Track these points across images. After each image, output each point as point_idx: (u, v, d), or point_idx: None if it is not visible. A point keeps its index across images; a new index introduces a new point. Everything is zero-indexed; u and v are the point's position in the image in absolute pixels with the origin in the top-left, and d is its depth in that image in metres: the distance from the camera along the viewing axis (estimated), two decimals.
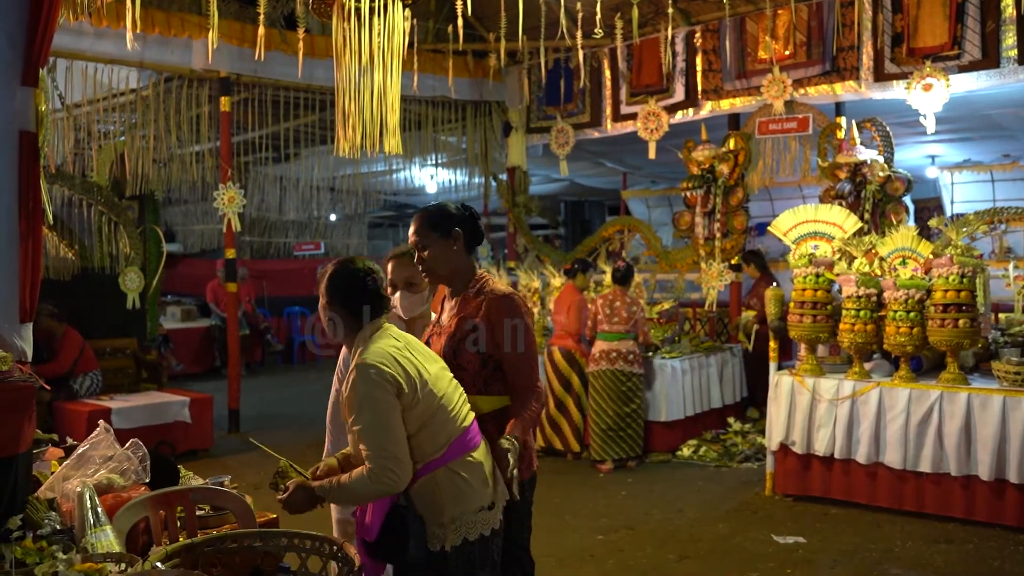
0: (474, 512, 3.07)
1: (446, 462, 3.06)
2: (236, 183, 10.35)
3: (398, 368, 3.00)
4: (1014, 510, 6.46)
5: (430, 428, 3.05)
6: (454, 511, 3.04)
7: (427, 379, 3.08)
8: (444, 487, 3.05)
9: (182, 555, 2.60)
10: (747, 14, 10.02)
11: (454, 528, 3.04)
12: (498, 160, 12.94)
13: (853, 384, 7.12)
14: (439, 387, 3.11)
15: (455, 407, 3.15)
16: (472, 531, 3.05)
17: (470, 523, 3.05)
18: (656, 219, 17.18)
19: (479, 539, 3.07)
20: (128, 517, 2.99)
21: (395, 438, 2.96)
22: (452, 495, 3.05)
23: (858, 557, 6.07)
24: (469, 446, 3.13)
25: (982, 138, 13.21)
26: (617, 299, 8.74)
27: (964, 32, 8.59)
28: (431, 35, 11.50)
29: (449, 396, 3.14)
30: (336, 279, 3.20)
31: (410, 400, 3.00)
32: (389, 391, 2.97)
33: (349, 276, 3.20)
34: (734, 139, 10.17)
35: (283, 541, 2.76)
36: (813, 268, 7.34)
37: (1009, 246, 12.23)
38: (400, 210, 22.95)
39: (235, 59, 9.99)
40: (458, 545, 3.05)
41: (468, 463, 3.10)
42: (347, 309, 3.17)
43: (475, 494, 3.09)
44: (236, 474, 8.07)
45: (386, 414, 2.96)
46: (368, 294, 3.17)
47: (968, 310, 6.58)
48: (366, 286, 3.17)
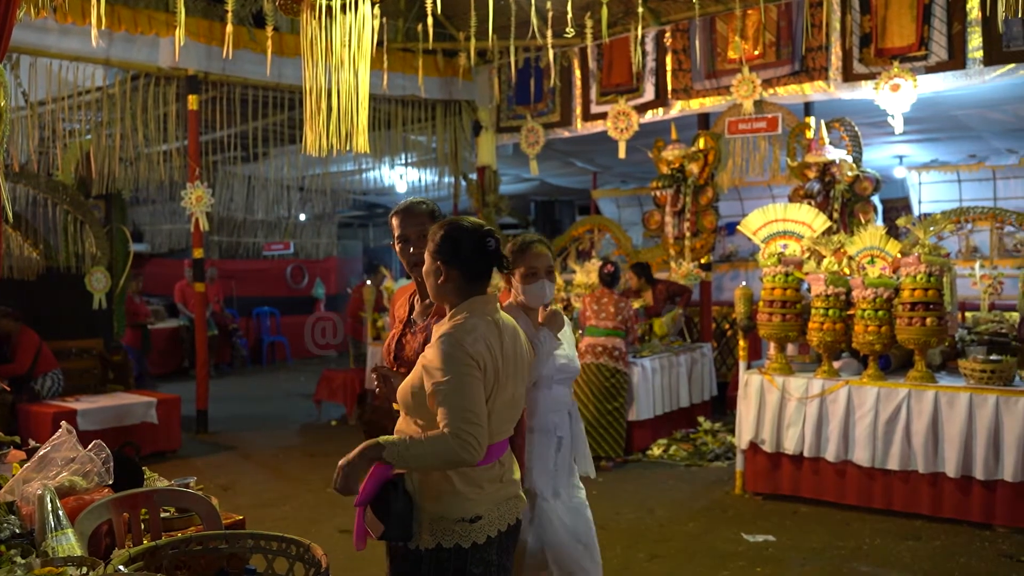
0: (453, 520, 2.98)
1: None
2: (204, 182, 10.26)
3: (480, 350, 2.92)
4: (980, 506, 6.52)
5: None
6: (433, 512, 2.98)
7: (501, 380, 3.01)
8: (432, 485, 2.99)
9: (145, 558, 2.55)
10: (717, 14, 10.05)
11: (431, 529, 2.98)
12: (468, 159, 12.91)
13: (822, 383, 7.15)
14: (503, 395, 3.04)
15: (496, 422, 3.02)
16: (447, 539, 2.97)
17: (446, 530, 2.97)
18: (626, 219, 17.23)
19: (454, 549, 2.98)
20: (90, 520, 2.93)
21: (480, 408, 2.88)
22: (435, 495, 2.98)
23: (827, 555, 6.09)
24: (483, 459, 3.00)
25: (949, 139, 13.33)
26: (605, 296, 8.75)
27: (931, 33, 8.65)
28: (401, 34, 11.46)
29: (498, 412, 3.03)
30: (460, 236, 3.05)
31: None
32: (478, 367, 2.90)
33: (475, 237, 3.06)
34: (704, 139, 10.20)
35: (249, 543, 2.71)
36: (782, 267, 7.37)
37: (975, 245, 12.35)
38: (370, 210, 22.85)
39: (203, 57, 9.91)
40: (431, 548, 2.98)
41: (468, 473, 3.00)
42: (464, 271, 3.05)
43: (459, 502, 2.99)
44: (203, 475, 8.04)
45: (472, 386, 2.88)
46: (491, 259, 3.07)
47: (935, 309, 6.62)
48: (490, 250, 3.06)
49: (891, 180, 14.64)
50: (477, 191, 12.67)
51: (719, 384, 10.67)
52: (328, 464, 8.86)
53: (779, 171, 9.88)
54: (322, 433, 10.57)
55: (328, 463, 9.05)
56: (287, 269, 19.49)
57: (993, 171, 14.01)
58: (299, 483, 8.26)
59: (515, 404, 3.15)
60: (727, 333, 11.55)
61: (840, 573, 5.77)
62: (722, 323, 11.68)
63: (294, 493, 7.90)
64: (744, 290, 7.74)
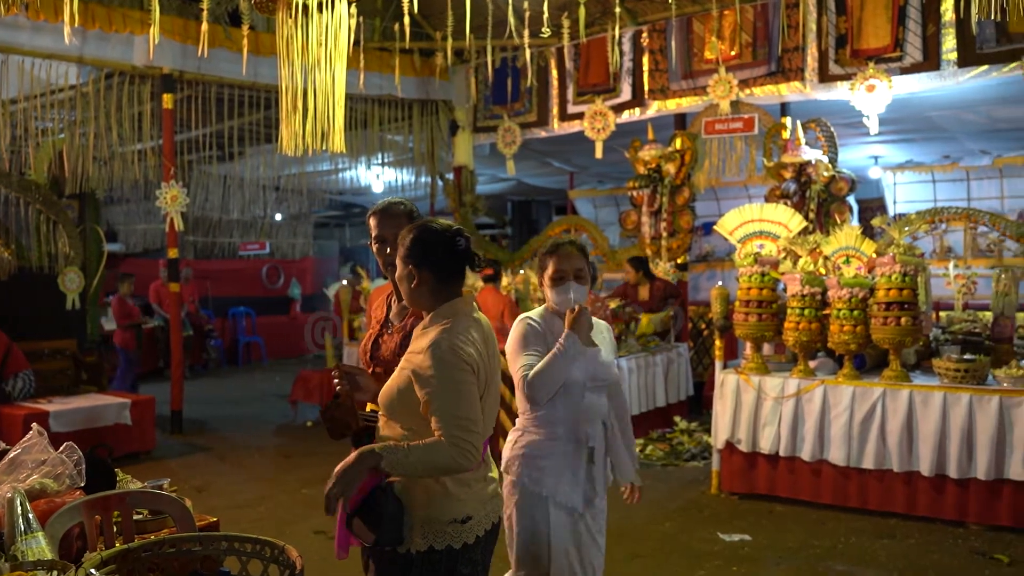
0: (445, 522, 2.97)
1: None
2: (179, 182, 10.19)
3: (476, 359, 2.94)
4: (953, 505, 6.56)
5: None
6: (424, 515, 2.96)
7: (490, 383, 3.03)
8: (423, 487, 2.97)
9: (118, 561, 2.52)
10: (693, 15, 10.08)
11: (422, 532, 2.96)
12: (445, 159, 12.89)
13: (798, 382, 7.18)
14: (491, 397, 3.06)
15: (488, 421, 3.06)
16: (439, 541, 2.95)
17: (438, 532, 2.96)
18: (603, 219, 17.26)
19: (446, 550, 2.97)
20: (61, 523, 2.90)
21: (476, 415, 2.89)
22: (427, 497, 2.97)
23: (803, 554, 6.11)
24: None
25: (923, 139, 13.42)
26: None
27: (906, 35, 8.71)
28: (378, 33, 11.42)
29: (488, 410, 3.06)
30: (429, 239, 3.04)
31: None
32: (472, 371, 2.91)
33: (444, 238, 3.04)
34: (680, 139, 10.22)
35: (223, 545, 2.69)
36: (758, 267, 7.38)
37: (949, 245, 12.44)
38: (346, 209, 22.80)
39: (178, 56, 9.85)
40: (423, 551, 2.96)
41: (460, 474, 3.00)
42: (437, 273, 3.04)
43: (451, 504, 2.98)
44: (178, 477, 7.99)
45: (469, 393, 2.89)
46: (462, 259, 3.05)
47: (910, 308, 6.66)
48: (460, 250, 3.04)
49: (866, 180, 14.73)
50: (454, 191, 12.65)
51: (695, 384, 10.69)
52: (304, 465, 8.87)
53: (755, 171, 9.92)
54: (298, 434, 10.53)
55: (304, 464, 9.05)
56: (263, 269, 19.42)
57: (967, 172, 14.12)
58: (274, 484, 8.22)
59: (495, 404, 3.17)
60: (703, 333, 11.58)
61: (815, 572, 5.79)
62: (698, 323, 11.71)
63: (269, 494, 7.86)
64: (720, 290, 7.75)
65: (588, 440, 3.82)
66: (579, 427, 3.81)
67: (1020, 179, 13.76)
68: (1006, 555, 5.94)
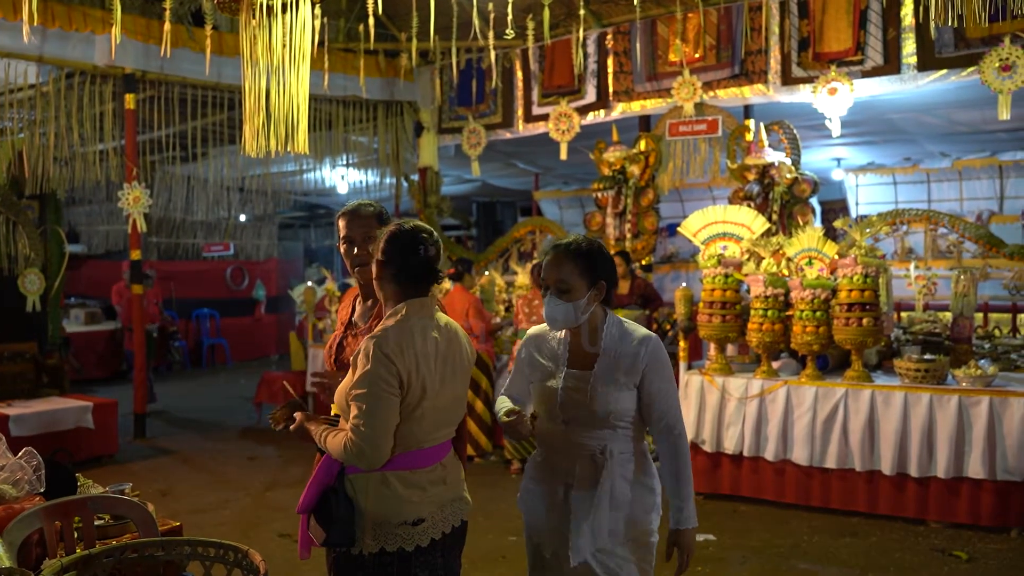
0: (395, 524, 2.97)
1: (388, 469, 2.99)
2: (142, 183, 10.11)
3: (406, 359, 2.93)
4: (914, 503, 6.65)
5: (398, 431, 2.98)
6: (375, 516, 2.96)
7: (430, 387, 3.00)
8: (373, 489, 2.98)
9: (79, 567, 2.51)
10: (658, 17, 10.12)
11: (373, 534, 2.96)
12: (410, 160, 12.86)
13: (761, 383, 7.23)
14: (436, 400, 3.03)
15: (433, 425, 3.06)
16: (391, 543, 2.96)
17: (389, 533, 2.96)
18: (568, 220, 17.29)
19: (398, 553, 2.97)
20: (20, 529, 2.87)
21: (382, 423, 2.90)
22: (376, 499, 2.97)
23: (767, 552, 6.16)
24: (420, 463, 3.04)
25: (885, 142, 13.55)
26: (536, 298, 8.68)
27: (867, 39, 8.79)
28: (342, 34, 11.38)
29: (435, 415, 3.05)
30: (398, 239, 3.06)
31: (406, 396, 2.95)
32: (392, 375, 2.90)
33: (411, 241, 3.05)
34: (645, 140, 10.25)
35: (186, 549, 2.68)
36: (722, 268, 7.43)
37: (910, 247, 12.56)
38: (311, 211, 22.69)
39: (140, 55, 9.76)
40: (375, 553, 2.96)
41: (408, 476, 3.01)
42: (397, 275, 3.06)
43: (401, 506, 2.98)
44: (141, 481, 7.92)
45: (385, 395, 2.90)
46: (420, 265, 3.05)
47: (872, 309, 6.72)
48: (420, 256, 3.05)
49: (829, 182, 14.86)
50: (419, 192, 12.63)
51: None
52: (268, 468, 8.82)
53: (719, 173, 9.96)
54: (262, 436, 10.46)
55: (269, 467, 9.01)
56: (227, 270, 19.27)
57: (927, 174, 14.27)
58: (239, 487, 8.17)
59: (454, 407, 3.16)
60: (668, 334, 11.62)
61: (779, 570, 5.84)
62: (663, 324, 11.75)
63: (233, 498, 7.81)
64: (684, 291, 7.79)
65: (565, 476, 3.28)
66: (555, 457, 3.34)
67: (978, 181, 13.93)
68: (964, 552, 6.03)
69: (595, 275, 3.23)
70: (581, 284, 3.21)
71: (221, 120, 11.97)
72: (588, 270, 3.22)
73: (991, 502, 6.40)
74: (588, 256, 3.24)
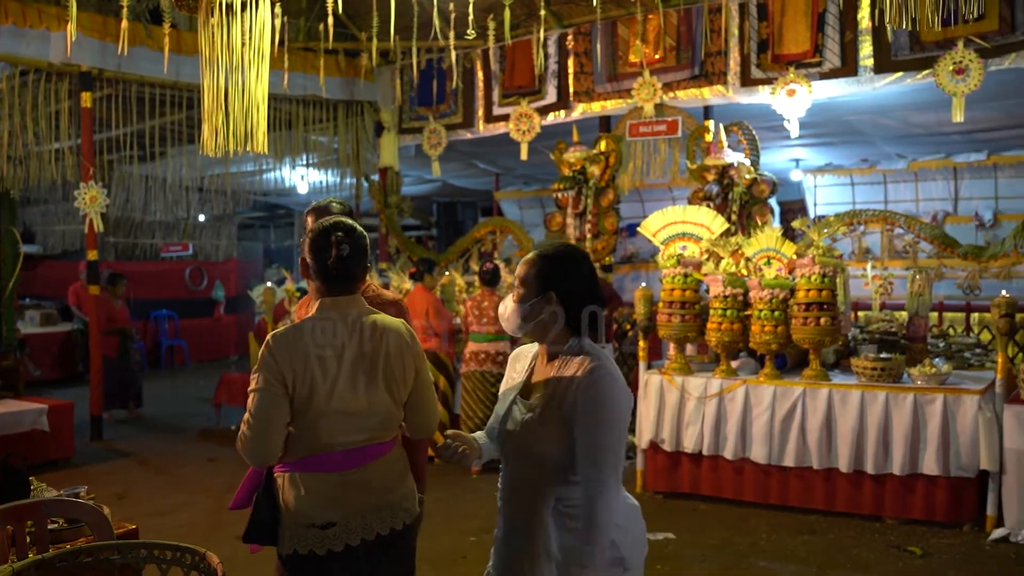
0: (303, 526, 2.95)
1: (296, 470, 2.98)
2: (99, 182, 10.00)
3: (293, 359, 2.91)
4: (870, 500, 6.73)
5: (299, 431, 2.96)
6: (287, 517, 2.97)
7: (324, 389, 2.94)
8: (285, 491, 2.99)
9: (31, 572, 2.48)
10: (618, 18, 10.16)
11: (288, 535, 2.96)
12: (370, 160, 12.82)
13: (720, 382, 7.28)
14: (337, 403, 2.96)
15: (341, 429, 2.99)
16: (302, 545, 2.94)
17: (299, 535, 2.95)
18: (528, 220, 17.29)
19: (310, 555, 2.94)
20: None
21: (262, 421, 2.89)
22: (288, 499, 2.97)
23: (726, 551, 6.21)
24: (330, 466, 2.99)
25: (842, 143, 13.68)
26: (486, 300, 8.69)
27: (825, 41, 8.88)
28: (302, 33, 11.32)
29: (343, 419, 2.98)
30: (313, 239, 3.04)
31: (294, 396, 2.92)
32: (274, 374, 2.90)
33: (323, 239, 3.02)
34: (605, 141, 10.28)
35: (142, 552, 2.66)
36: (681, 268, 7.48)
37: (867, 247, 12.69)
38: (271, 211, 22.55)
39: (97, 53, 9.65)
40: (290, 554, 2.97)
41: (315, 478, 2.97)
42: (315, 273, 3.04)
43: (308, 509, 2.95)
44: (97, 484, 7.83)
45: (266, 393, 2.90)
46: (333, 264, 3.00)
47: (829, 308, 6.79)
48: (333, 254, 2.99)
49: (788, 183, 14.98)
50: (379, 192, 12.59)
51: None
52: (228, 470, 8.76)
53: (679, 174, 10.01)
54: (222, 438, 10.37)
55: (228, 469, 8.93)
56: (186, 271, 19.10)
57: (884, 175, 14.42)
58: (197, 490, 8.10)
59: (377, 412, 3.07)
60: (628, 333, 11.67)
61: (738, 568, 5.89)
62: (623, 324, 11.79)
63: (192, 500, 7.75)
64: (644, 291, 7.83)
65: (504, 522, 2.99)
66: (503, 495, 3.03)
67: (933, 182, 14.10)
68: (919, 547, 6.11)
69: (547, 283, 2.84)
70: (531, 288, 2.87)
71: (180, 119, 11.87)
72: (541, 275, 2.86)
73: (945, 498, 6.50)
74: (548, 260, 2.88)
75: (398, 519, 3.11)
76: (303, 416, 2.94)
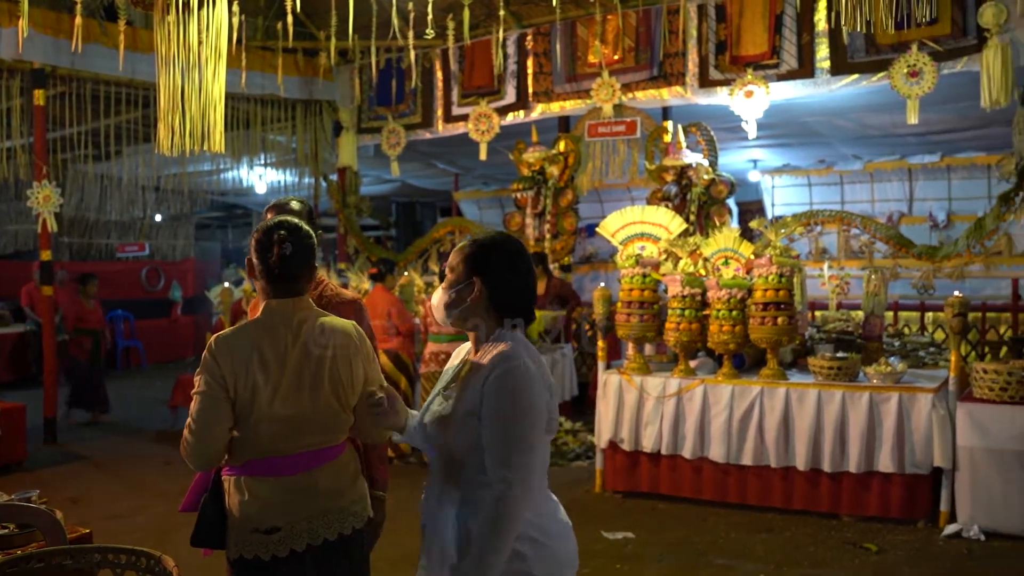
0: (247, 531, 2.91)
1: (241, 473, 2.95)
2: (52, 181, 9.86)
3: (234, 362, 2.88)
4: (827, 498, 6.79)
5: (243, 435, 2.92)
6: (232, 521, 2.94)
7: (266, 392, 2.90)
8: (231, 495, 2.96)
9: None
10: (577, 19, 10.18)
11: (234, 539, 2.93)
12: (328, 160, 12.75)
13: (679, 382, 7.31)
14: (280, 407, 2.92)
15: (285, 434, 2.95)
16: (247, 549, 2.91)
17: (244, 540, 2.91)
18: (487, 220, 17.28)
19: (255, 560, 2.91)
20: None
21: (203, 424, 2.87)
22: (233, 503, 2.94)
23: (685, 549, 6.23)
24: (276, 471, 2.95)
25: (800, 144, 13.80)
26: None
27: (782, 43, 8.96)
28: (260, 32, 11.23)
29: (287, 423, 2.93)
30: (257, 239, 3.00)
31: (236, 400, 2.89)
32: (216, 378, 2.87)
33: (266, 239, 2.97)
34: (564, 141, 10.31)
35: (96, 557, 2.63)
36: (640, 268, 7.50)
37: (824, 247, 12.82)
38: (228, 211, 22.38)
39: (50, 50, 9.50)
40: (236, 559, 2.94)
41: (260, 482, 2.93)
42: (259, 274, 3.01)
43: (253, 514, 2.92)
44: (50, 488, 7.71)
45: (207, 397, 2.87)
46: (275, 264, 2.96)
47: (786, 308, 6.84)
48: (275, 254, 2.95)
49: (746, 183, 15.09)
50: (338, 192, 12.53)
51: (579, 384, 10.77)
52: (185, 472, 8.59)
53: (638, 174, 10.06)
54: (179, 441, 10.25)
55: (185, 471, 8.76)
56: (142, 271, 18.90)
57: (840, 176, 14.56)
58: (153, 493, 8.01)
59: (324, 416, 3.02)
60: (587, 333, 11.70)
61: (696, 567, 5.91)
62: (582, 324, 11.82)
63: (148, 504, 7.67)
64: (603, 291, 7.85)
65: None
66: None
67: (889, 183, 14.26)
68: (875, 544, 6.18)
69: (474, 269, 2.69)
70: (458, 274, 2.72)
71: (136, 118, 11.73)
72: (467, 260, 2.71)
73: (900, 495, 6.57)
74: (477, 246, 2.73)
75: (347, 524, 3.04)
76: (246, 420, 2.90)
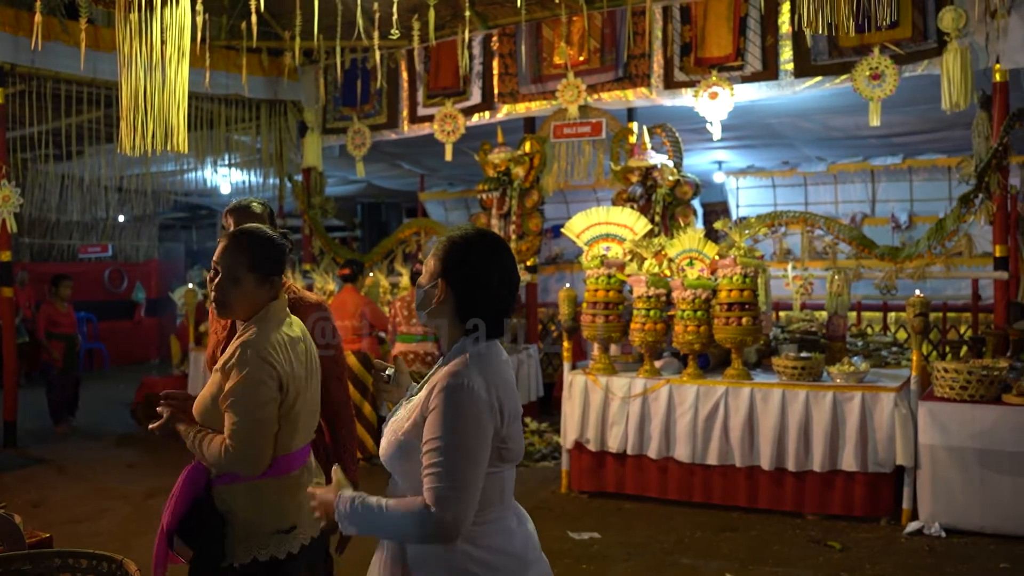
0: (269, 533, 2.91)
1: (258, 476, 2.92)
2: (12, 181, 9.74)
3: (286, 364, 2.90)
4: (792, 496, 6.84)
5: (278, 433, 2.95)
6: (250, 525, 2.90)
7: (300, 391, 2.97)
8: (243, 498, 2.91)
9: None
10: (543, 20, 10.18)
11: (245, 544, 2.89)
12: (293, 161, 12.67)
13: (644, 382, 7.34)
14: (303, 401, 2.99)
15: (304, 427, 3.03)
16: (263, 552, 2.89)
17: (262, 543, 2.90)
18: (453, 221, 17.25)
19: (269, 561, 2.90)
20: None
21: (265, 427, 2.85)
22: (249, 508, 2.90)
23: (651, 549, 6.26)
24: (290, 467, 2.98)
25: (764, 145, 13.87)
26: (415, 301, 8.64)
27: (747, 45, 9.00)
28: (224, 31, 11.15)
29: (306, 414, 3.02)
30: (252, 239, 2.99)
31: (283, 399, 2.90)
32: (273, 379, 2.86)
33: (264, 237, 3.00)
34: (529, 142, 10.31)
35: (56, 561, 2.59)
36: (605, 269, 7.52)
37: (788, 248, 12.91)
38: (192, 211, 22.19)
39: (9, 48, 9.39)
40: (247, 563, 2.89)
41: (279, 482, 2.95)
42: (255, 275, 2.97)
43: (276, 513, 2.93)
44: (10, 492, 7.65)
45: (266, 402, 2.85)
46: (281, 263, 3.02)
47: (750, 308, 6.89)
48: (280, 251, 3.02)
49: (710, 184, 15.15)
50: (302, 193, 12.46)
51: (545, 385, 10.79)
52: (149, 475, 8.60)
53: (603, 175, 10.06)
54: (142, 443, 10.19)
55: (149, 474, 8.77)
56: (105, 272, 18.71)
57: (804, 177, 14.66)
58: (117, 496, 7.94)
59: (316, 408, 3.15)
60: (552, 334, 11.71)
61: (663, 566, 5.94)
62: (548, 324, 11.84)
63: (111, 507, 7.59)
64: (568, 292, 7.86)
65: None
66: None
67: (852, 185, 14.38)
68: (839, 542, 6.24)
69: (442, 269, 2.48)
70: (428, 271, 2.53)
71: (98, 117, 11.60)
72: (437, 259, 2.51)
73: (863, 493, 6.64)
74: (448, 243, 2.51)
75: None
76: (285, 417, 2.93)
